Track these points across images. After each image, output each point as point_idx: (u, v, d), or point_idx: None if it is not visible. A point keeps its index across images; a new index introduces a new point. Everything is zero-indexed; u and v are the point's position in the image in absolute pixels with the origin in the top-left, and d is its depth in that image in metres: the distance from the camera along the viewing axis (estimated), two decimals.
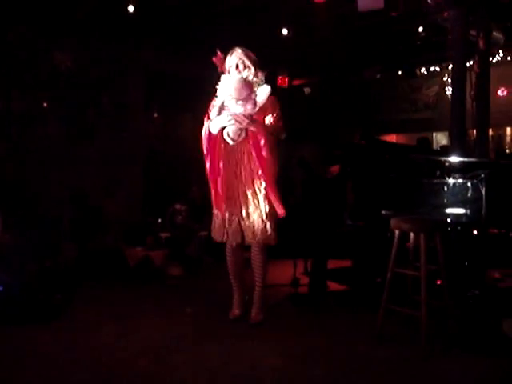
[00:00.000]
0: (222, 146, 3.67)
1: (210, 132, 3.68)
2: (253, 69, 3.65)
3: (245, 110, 3.54)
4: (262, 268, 3.75)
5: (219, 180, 3.67)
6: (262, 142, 3.54)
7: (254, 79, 3.66)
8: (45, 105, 6.55)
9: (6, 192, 5.48)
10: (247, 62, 3.64)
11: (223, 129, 3.62)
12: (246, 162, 3.62)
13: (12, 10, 5.74)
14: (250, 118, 3.54)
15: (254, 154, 3.57)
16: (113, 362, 3.07)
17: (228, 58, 3.69)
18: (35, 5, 5.73)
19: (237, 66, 3.65)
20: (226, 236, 3.71)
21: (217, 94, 3.66)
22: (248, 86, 3.58)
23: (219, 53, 3.71)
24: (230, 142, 3.61)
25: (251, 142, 3.57)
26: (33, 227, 5.13)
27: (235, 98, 3.56)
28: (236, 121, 3.54)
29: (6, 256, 4.17)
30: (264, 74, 3.70)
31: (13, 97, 6.17)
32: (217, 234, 3.77)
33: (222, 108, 3.62)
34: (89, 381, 2.86)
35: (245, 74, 3.64)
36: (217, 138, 3.67)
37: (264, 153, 3.55)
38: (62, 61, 6.55)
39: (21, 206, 5.53)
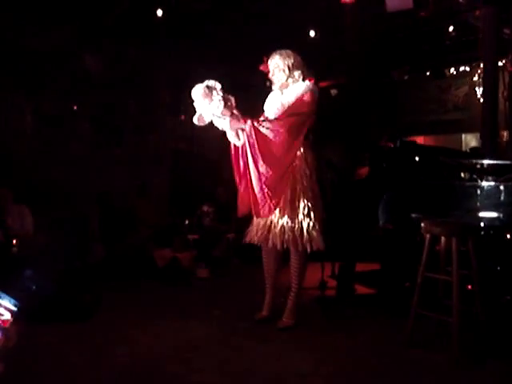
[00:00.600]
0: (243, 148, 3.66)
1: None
2: (287, 70, 3.67)
3: (214, 112, 3.49)
4: (296, 273, 3.71)
5: (241, 182, 3.68)
6: (252, 140, 3.49)
7: (289, 80, 3.67)
8: (74, 107, 6.68)
9: (37, 194, 5.59)
10: (281, 66, 3.67)
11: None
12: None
13: (43, 15, 5.87)
14: (230, 118, 3.50)
15: (249, 151, 3.52)
16: (139, 362, 3.09)
17: (269, 63, 3.72)
18: (65, 10, 5.84)
19: (273, 73, 3.70)
20: (259, 238, 3.68)
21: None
22: (208, 89, 3.51)
23: (265, 60, 3.72)
24: (237, 144, 3.63)
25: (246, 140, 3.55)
26: (63, 228, 5.23)
27: (203, 104, 3.51)
28: (222, 124, 3.53)
29: (38, 256, 4.25)
30: (300, 72, 3.68)
31: (43, 99, 6.31)
32: (250, 236, 3.76)
33: (200, 117, 3.60)
34: (114, 381, 2.88)
35: (280, 76, 3.67)
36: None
37: (256, 149, 3.48)
38: (91, 64, 6.66)
39: (51, 207, 5.64)
